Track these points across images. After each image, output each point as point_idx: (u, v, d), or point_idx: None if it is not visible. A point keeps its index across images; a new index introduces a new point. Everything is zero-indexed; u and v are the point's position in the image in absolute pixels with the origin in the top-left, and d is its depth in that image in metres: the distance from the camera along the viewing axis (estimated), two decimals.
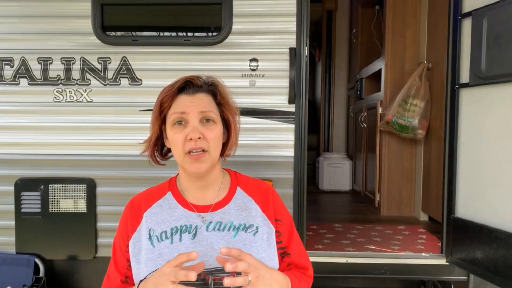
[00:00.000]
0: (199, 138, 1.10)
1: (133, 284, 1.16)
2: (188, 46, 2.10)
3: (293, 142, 2.11)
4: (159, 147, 1.25)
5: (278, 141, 2.11)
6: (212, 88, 1.19)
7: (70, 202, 2.16)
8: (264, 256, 1.15)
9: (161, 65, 2.11)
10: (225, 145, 1.22)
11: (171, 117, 1.14)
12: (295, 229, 1.28)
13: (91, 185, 2.15)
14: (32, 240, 2.17)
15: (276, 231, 1.21)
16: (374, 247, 2.37)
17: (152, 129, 1.21)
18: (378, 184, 3.36)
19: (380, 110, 3.30)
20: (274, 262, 1.18)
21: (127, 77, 2.12)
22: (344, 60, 5.03)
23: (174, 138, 1.13)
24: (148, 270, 1.12)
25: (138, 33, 2.16)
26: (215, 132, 1.14)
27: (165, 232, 1.16)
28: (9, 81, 2.13)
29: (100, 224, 2.17)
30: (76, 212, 2.16)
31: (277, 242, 1.21)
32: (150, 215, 1.19)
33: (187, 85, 1.17)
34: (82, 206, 2.16)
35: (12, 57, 2.12)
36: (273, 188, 1.29)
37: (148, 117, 2.09)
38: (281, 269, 1.20)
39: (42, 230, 2.17)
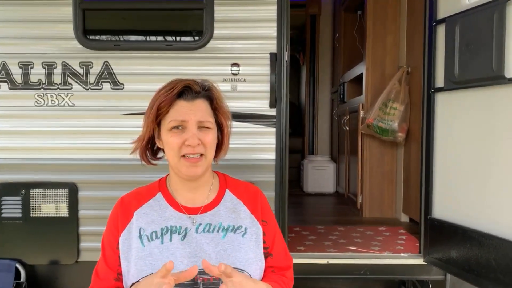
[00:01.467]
0: (198, 144, 1.15)
1: (122, 281, 1.18)
2: (170, 50, 2.12)
3: (274, 146, 2.14)
4: (149, 147, 1.27)
5: (260, 144, 2.14)
6: (209, 93, 1.21)
7: (51, 206, 2.16)
8: (252, 257, 1.19)
9: (143, 69, 2.13)
10: (217, 148, 1.26)
11: (169, 123, 1.16)
12: (279, 231, 1.32)
13: (73, 190, 2.15)
14: (13, 245, 2.16)
15: (262, 232, 1.25)
16: (354, 248, 2.41)
17: (146, 130, 1.23)
18: (360, 186, 3.42)
19: (361, 113, 3.36)
20: (262, 262, 1.22)
21: (109, 82, 2.13)
22: (328, 64, 5.10)
23: (170, 141, 1.16)
24: (138, 269, 1.13)
25: (120, 38, 2.17)
26: (211, 137, 1.18)
27: (155, 232, 1.18)
28: None
29: (82, 229, 2.17)
30: (58, 216, 2.16)
31: (262, 242, 1.24)
32: (140, 215, 1.21)
33: (186, 91, 1.18)
34: (64, 210, 2.16)
35: None
36: (261, 191, 1.33)
37: (130, 121, 2.14)
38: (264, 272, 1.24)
39: (23, 235, 2.16)
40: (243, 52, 2.13)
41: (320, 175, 4.43)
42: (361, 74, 3.51)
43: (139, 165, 2.10)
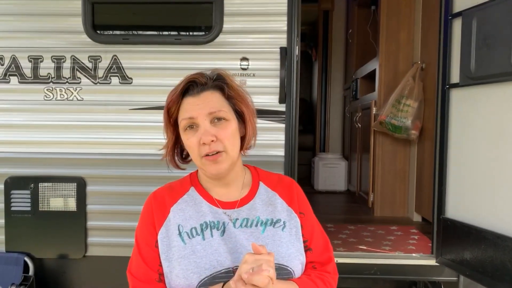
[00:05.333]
0: (212, 141, 1.06)
1: (164, 282, 1.10)
2: (179, 45, 2.10)
3: (283, 142, 2.10)
4: (179, 151, 1.20)
5: (269, 140, 2.10)
6: (218, 83, 1.13)
7: (60, 200, 2.16)
8: (294, 251, 1.13)
9: (151, 63, 2.11)
10: (243, 138, 1.16)
11: (181, 123, 1.11)
12: (318, 222, 1.25)
13: (81, 184, 2.14)
14: (22, 239, 2.17)
15: (300, 225, 1.19)
16: (365, 248, 2.36)
17: (166, 135, 1.17)
18: (371, 184, 3.36)
19: (374, 110, 3.30)
20: (303, 257, 1.16)
21: (117, 76, 2.12)
22: (341, 60, 5.02)
23: (188, 143, 1.10)
24: (182, 269, 1.07)
25: (129, 32, 2.15)
26: (229, 130, 1.09)
27: (195, 228, 1.12)
28: None
29: (90, 223, 2.16)
30: (66, 210, 2.16)
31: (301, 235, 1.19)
32: (177, 211, 1.14)
33: (191, 86, 1.11)
34: (72, 204, 2.16)
35: (2, 55, 2.12)
36: (295, 182, 1.27)
37: (138, 116, 2.13)
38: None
39: (32, 229, 2.16)
40: (252, 46, 2.09)
41: (331, 172, 4.37)
42: (374, 70, 3.44)
43: (147, 160, 2.12)
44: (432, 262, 2.16)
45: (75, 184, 2.14)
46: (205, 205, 1.16)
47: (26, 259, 2.15)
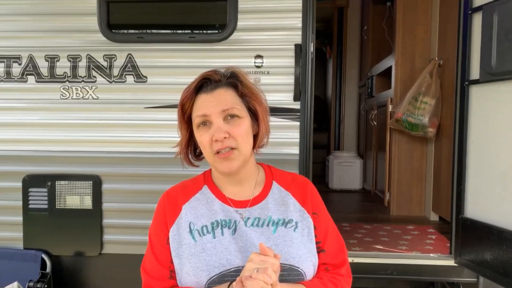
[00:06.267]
0: (225, 138, 1.07)
1: (176, 279, 1.12)
2: (193, 43, 2.09)
3: (298, 140, 2.08)
4: (192, 148, 1.21)
5: (283, 138, 2.08)
6: (232, 80, 1.13)
7: (76, 198, 2.18)
8: (305, 252, 1.12)
9: (166, 62, 2.11)
10: (256, 136, 1.16)
11: (195, 120, 1.12)
12: (332, 223, 1.23)
13: (97, 182, 2.16)
14: (39, 236, 2.20)
15: (313, 226, 1.18)
16: (381, 247, 2.33)
17: (180, 132, 1.18)
18: (388, 183, 3.31)
19: (390, 108, 3.25)
20: (315, 258, 1.14)
21: (132, 74, 2.12)
22: (356, 57, 4.97)
23: (201, 140, 1.11)
24: (192, 266, 1.08)
25: (143, 31, 2.15)
26: (242, 128, 1.10)
27: (206, 226, 1.13)
28: (17, 78, 2.16)
29: (105, 221, 2.18)
30: (82, 208, 2.17)
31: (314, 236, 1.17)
32: (189, 209, 1.15)
33: (205, 83, 1.12)
34: (88, 202, 2.17)
35: (20, 55, 2.15)
36: (310, 181, 1.25)
37: (153, 115, 2.13)
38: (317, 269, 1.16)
39: (49, 226, 2.19)
40: (267, 43, 2.07)
41: (346, 171, 4.33)
42: (390, 67, 3.39)
43: (162, 158, 2.12)
44: (450, 262, 2.11)
45: (91, 182, 2.16)
46: (217, 204, 1.16)
47: (44, 256, 2.17)
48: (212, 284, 1.06)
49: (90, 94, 2.14)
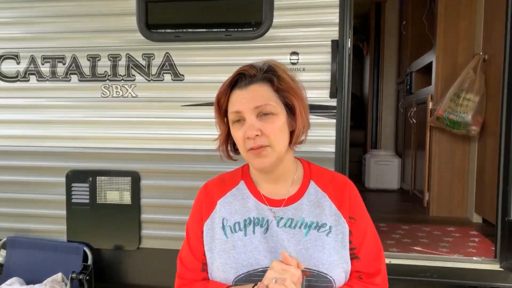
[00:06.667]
0: (257, 135, 1.05)
1: (207, 272, 1.14)
2: (229, 41, 2.10)
3: (334, 138, 2.05)
4: (231, 143, 1.19)
5: (319, 136, 2.05)
6: (268, 75, 1.09)
7: (116, 194, 2.24)
8: (337, 259, 1.08)
9: (202, 60, 2.13)
10: (292, 133, 1.12)
11: (229, 116, 1.11)
12: (372, 229, 1.16)
13: (135, 178, 2.22)
14: (81, 229, 2.28)
15: (348, 231, 1.12)
16: (420, 249, 2.26)
17: (219, 127, 1.18)
18: (427, 183, 3.21)
19: (430, 105, 3.14)
20: (348, 265, 1.10)
21: (170, 73, 2.16)
22: (394, 53, 4.84)
23: (235, 136, 1.11)
24: (222, 262, 1.09)
25: (181, 29, 2.18)
26: (276, 125, 1.06)
27: (238, 223, 1.13)
28: (61, 77, 2.24)
29: (143, 216, 2.23)
30: (122, 203, 2.24)
31: (348, 242, 1.11)
32: (223, 204, 1.16)
33: (240, 78, 1.09)
34: (127, 198, 2.23)
35: (64, 55, 2.23)
36: (351, 182, 1.19)
37: (190, 112, 2.16)
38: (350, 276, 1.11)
39: (91, 220, 2.27)
40: (303, 40, 2.05)
41: (383, 170, 4.23)
42: (431, 63, 3.28)
43: (199, 156, 2.15)
44: (495, 267, 2.02)
45: (130, 178, 2.22)
46: (251, 201, 1.15)
47: (85, 249, 2.26)
48: (239, 282, 1.07)
49: (130, 93, 2.20)
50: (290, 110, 1.11)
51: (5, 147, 2.32)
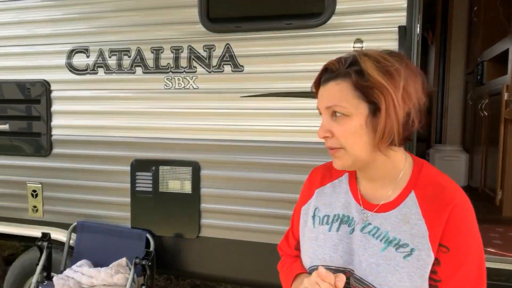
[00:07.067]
0: (327, 136, 1.03)
1: (300, 251, 1.20)
2: (290, 30, 2.06)
3: None
4: None
5: None
6: (349, 70, 0.99)
7: (177, 183, 2.29)
8: (408, 286, 0.96)
9: (262, 50, 2.11)
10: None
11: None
12: (475, 267, 0.97)
13: (196, 168, 2.25)
14: (144, 217, 2.36)
15: (435, 259, 0.97)
16: (493, 250, 2.09)
17: None
18: (500, 180, 2.97)
19: (505, 96, 2.89)
20: None
21: (230, 64, 2.16)
22: (462, 42, 4.52)
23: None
24: (305, 248, 1.13)
25: (241, 20, 2.17)
26: (345, 127, 0.99)
27: (328, 216, 1.12)
28: (126, 70, 2.33)
29: (203, 205, 2.26)
30: (182, 192, 2.29)
31: (431, 272, 0.97)
32: (320, 194, 1.16)
33: (325, 73, 1.05)
34: (187, 187, 2.28)
35: (129, 48, 2.31)
36: (464, 201, 0.98)
37: (249, 103, 2.15)
38: None
39: (153, 208, 2.34)
40: (367, 27, 1.96)
41: (449, 166, 3.98)
42: (506, 51, 3.02)
43: (257, 147, 2.14)
44: None
45: (191, 168, 2.26)
46: (348, 197, 1.11)
47: (148, 235, 2.33)
48: (312, 272, 1.05)
49: (191, 84, 2.23)
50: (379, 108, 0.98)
51: (75, 136, 2.46)
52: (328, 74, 1.03)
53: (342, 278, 0.92)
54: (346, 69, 1.00)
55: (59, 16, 2.43)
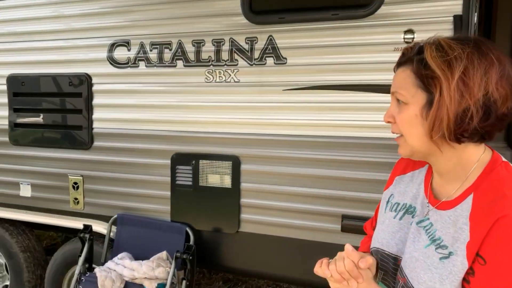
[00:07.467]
0: (389, 121, 1.03)
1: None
2: (336, 20, 1.99)
3: None
4: None
5: None
6: (415, 57, 0.96)
7: (217, 177, 2.27)
8: (437, 287, 0.93)
9: (307, 42, 2.05)
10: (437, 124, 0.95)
11: None
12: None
13: (236, 162, 2.22)
14: (184, 210, 2.36)
15: (469, 268, 0.91)
16: None
17: None
18: None
19: None
20: None
21: (272, 56, 2.11)
22: (508, 30, 4.30)
23: None
24: (375, 231, 1.18)
25: (285, 11, 2.11)
26: (403, 115, 0.98)
27: (398, 204, 1.13)
28: (167, 63, 2.31)
29: (243, 200, 2.24)
30: (222, 187, 2.26)
31: (464, 280, 0.92)
32: (399, 181, 1.17)
33: (401, 57, 1.03)
34: (227, 181, 2.25)
35: (171, 41, 2.29)
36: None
37: (291, 97, 2.10)
38: None
39: (193, 202, 2.33)
40: (419, 16, 1.87)
41: None
42: None
43: (301, 142, 2.09)
44: None
45: (231, 162, 2.23)
46: (420, 188, 1.09)
47: (188, 229, 2.33)
48: (372, 253, 1.14)
49: (232, 77, 2.20)
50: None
51: (116, 129, 2.47)
52: (401, 58, 1.02)
53: (367, 260, 0.96)
54: (413, 56, 0.97)
55: (100, 9, 2.43)
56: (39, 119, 2.65)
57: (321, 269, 1.00)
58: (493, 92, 0.89)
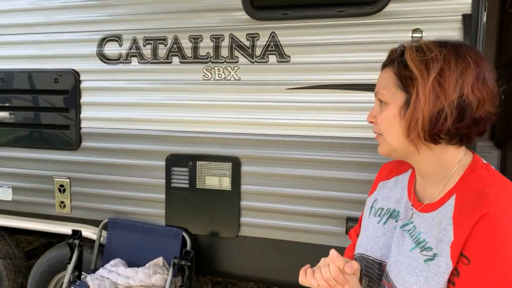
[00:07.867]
0: (371, 122, 1.06)
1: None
2: (342, 18, 1.93)
3: None
4: None
5: None
6: (397, 58, 0.99)
7: (215, 179, 2.18)
8: None
9: (311, 40, 1.98)
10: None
11: None
12: (500, 285, 0.85)
13: (236, 164, 2.14)
14: (180, 214, 2.25)
15: (454, 269, 0.89)
16: None
17: None
18: None
19: None
20: None
21: (275, 54, 2.03)
22: (492, 34, 4.38)
23: None
24: (361, 237, 1.17)
25: (288, 7, 2.04)
26: (383, 115, 1.01)
27: (382, 209, 1.14)
28: (162, 59, 2.20)
29: (243, 203, 2.15)
30: (221, 189, 2.17)
31: (449, 282, 0.90)
32: (382, 187, 1.18)
33: (386, 58, 1.07)
34: (227, 184, 2.17)
35: (166, 36, 2.18)
36: (501, 212, 0.87)
37: (294, 96, 2.02)
38: None
39: (189, 205, 2.23)
40: (427, 15, 1.83)
41: None
42: None
43: (304, 142, 2.02)
44: None
45: (230, 163, 2.14)
46: (403, 192, 1.10)
47: (184, 234, 2.23)
48: (356, 259, 1.14)
49: (232, 75, 2.11)
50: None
51: (106, 129, 2.34)
52: (386, 60, 1.05)
53: (352, 265, 0.95)
54: (396, 57, 1.00)
55: (89, 2, 2.29)
56: (22, 118, 2.48)
57: (307, 279, 0.97)
58: (468, 94, 0.90)
